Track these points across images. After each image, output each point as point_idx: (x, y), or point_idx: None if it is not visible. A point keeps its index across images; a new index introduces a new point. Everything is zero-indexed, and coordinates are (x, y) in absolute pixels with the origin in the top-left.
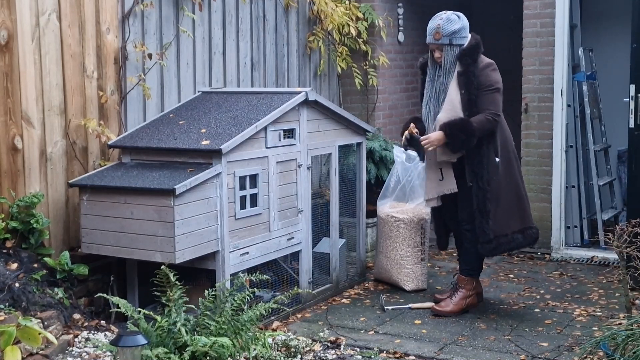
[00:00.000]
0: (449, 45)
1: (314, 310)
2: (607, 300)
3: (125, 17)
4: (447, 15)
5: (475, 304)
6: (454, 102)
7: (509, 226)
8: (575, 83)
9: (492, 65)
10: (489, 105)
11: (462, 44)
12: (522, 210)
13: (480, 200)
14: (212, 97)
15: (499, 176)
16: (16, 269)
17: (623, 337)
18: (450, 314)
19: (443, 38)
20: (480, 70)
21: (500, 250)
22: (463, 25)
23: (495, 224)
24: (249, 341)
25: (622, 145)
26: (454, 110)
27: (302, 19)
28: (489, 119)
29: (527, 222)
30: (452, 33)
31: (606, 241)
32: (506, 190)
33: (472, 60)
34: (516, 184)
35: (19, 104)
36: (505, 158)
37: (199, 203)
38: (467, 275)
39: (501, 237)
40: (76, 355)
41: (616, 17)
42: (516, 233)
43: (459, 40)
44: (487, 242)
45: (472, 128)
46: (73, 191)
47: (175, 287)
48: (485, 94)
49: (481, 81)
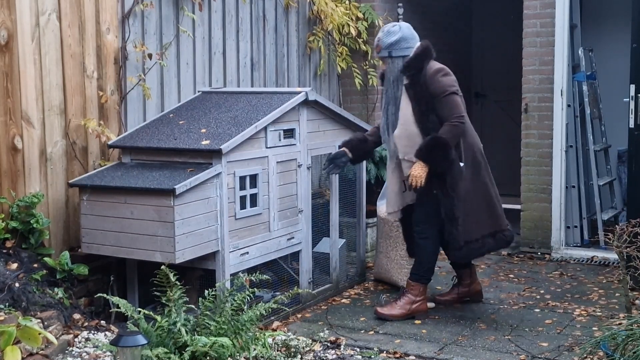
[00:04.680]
0: (390, 58)
1: (314, 310)
2: (607, 300)
3: (125, 17)
4: (387, 28)
5: (425, 310)
6: (407, 117)
7: (478, 231)
8: (575, 83)
9: (442, 71)
10: (450, 110)
11: (406, 55)
12: (492, 213)
13: (448, 207)
14: (212, 97)
15: (466, 181)
16: (16, 269)
17: (623, 337)
18: (394, 318)
19: (382, 51)
20: (430, 79)
21: (472, 256)
22: (402, 36)
23: (464, 230)
24: (249, 341)
25: (622, 145)
26: (406, 125)
27: (302, 19)
28: (455, 125)
29: (498, 225)
30: (389, 45)
31: (606, 241)
32: (474, 195)
33: (416, 71)
34: (485, 187)
35: (19, 103)
36: (471, 161)
37: (199, 203)
38: (414, 281)
39: (471, 242)
40: (76, 355)
41: (616, 17)
42: (487, 237)
43: (400, 52)
44: (458, 249)
45: (444, 142)
46: (73, 191)
47: (175, 287)
48: (442, 100)
49: (433, 89)
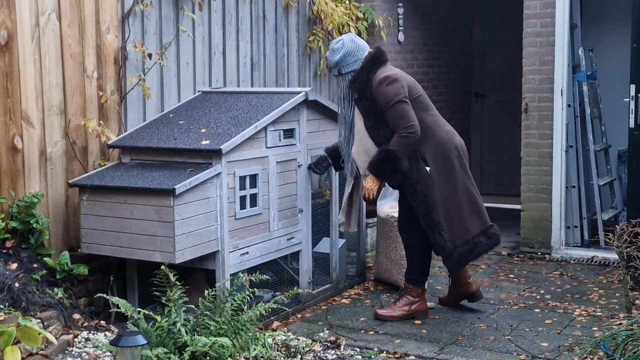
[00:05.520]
0: (341, 76)
1: (314, 311)
2: (607, 300)
3: (125, 17)
4: (332, 45)
5: (424, 310)
6: (361, 132)
7: (468, 231)
8: (575, 83)
9: (386, 80)
10: (397, 121)
11: (355, 69)
12: (477, 210)
13: (424, 214)
14: (212, 97)
15: (439, 182)
16: (16, 269)
17: (623, 337)
18: (393, 318)
19: (332, 70)
20: (375, 91)
21: (466, 261)
22: (347, 51)
23: (450, 235)
24: (249, 341)
25: (622, 145)
26: (362, 140)
27: (302, 18)
28: (404, 136)
29: (486, 223)
30: (336, 64)
31: (606, 241)
32: (453, 195)
33: (362, 84)
34: (463, 184)
35: (19, 103)
36: (442, 162)
37: (198, 203)
38: (410, 283)
39: (461, 246)
40: (76, 355)
41: (616, 17)
42: (478, 236)
43: (349, 67)
44: (449, 257)
45: (393, 154)
46: (73, 191)
47: (175, 287)
48: (389, 111)
49: (380, 101)
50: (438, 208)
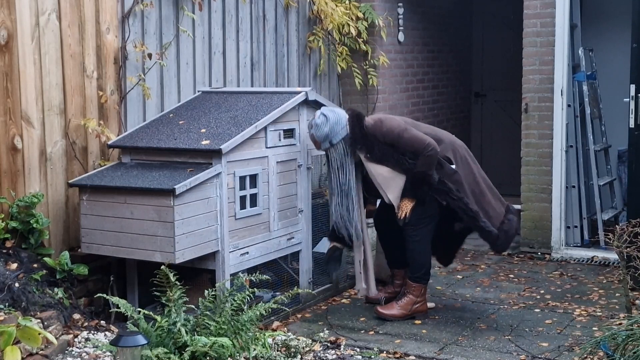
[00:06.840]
0: (332, 147)
1: (314, 311)
2: (607, 300)
3: (125, 17)
4: (314, 122)
5: (424, 310)
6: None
7: (498, 214)
8: (575, 83)
9: (378, 123)
10: (414, 146)
11: (345, 134)
12: (495, 193)
13: (463, 210)
14: (212, 97)
15: (465, 175)
16: (16, 269)
17: (623, 337)
18: (394, 317)
19: (323, 144)
20: (379, 135)
21: (511, 238)
22: (333, 122)
23: (491, 218)
24: (249, 341)
25: (622, 145)
26: (396, 181)
27: (302, 18)
28: (427, 155)
29: (504, 202)
30: (326, 137)
31: (606, 241)
32: (477, 184)
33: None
34: (479, 173)
35: (19, 103)
36: (458, 156)
37: (198, 203)
38: (414, 282)
39: (502, 225)
40: (76, 355)
41: (616, 17)
42: (506, 215)
43: (338, 136)
44: (497, 239)
45: (424, 174)
46: (73, 191)
47: (175, 287)
48: (402, 144)
49: (389, 140)
50: (471, 200)
